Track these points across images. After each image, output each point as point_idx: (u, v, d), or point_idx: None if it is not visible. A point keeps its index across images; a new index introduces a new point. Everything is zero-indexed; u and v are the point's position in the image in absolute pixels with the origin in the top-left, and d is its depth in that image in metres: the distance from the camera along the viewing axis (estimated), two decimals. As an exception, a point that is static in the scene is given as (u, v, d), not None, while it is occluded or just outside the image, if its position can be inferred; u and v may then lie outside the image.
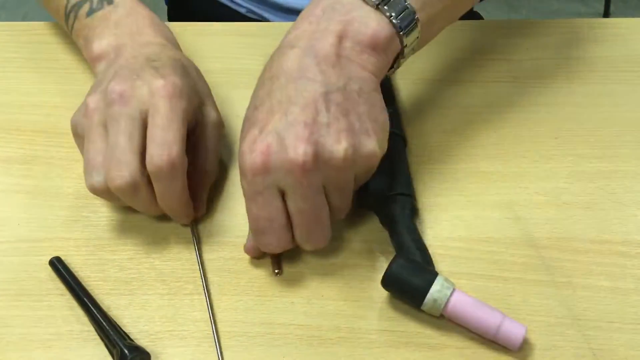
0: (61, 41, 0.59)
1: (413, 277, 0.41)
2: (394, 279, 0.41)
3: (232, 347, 0.41)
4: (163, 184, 0.42)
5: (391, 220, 0.45)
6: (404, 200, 0.45)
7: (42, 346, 0.41)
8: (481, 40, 0.60)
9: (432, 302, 0.40)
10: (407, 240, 0.43)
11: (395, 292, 0.42)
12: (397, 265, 0.41)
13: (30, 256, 0.45)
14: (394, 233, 0.44)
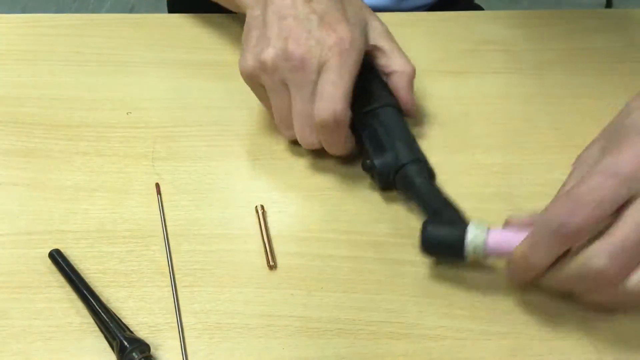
0: (59, 33, 0.59)
1: (446, 235, 0.41)
2: (429, 243, 0.41)
3: (232, 338, 0.41)
4: (327, 134, 0.46)
5: (412, 190, 0.44)
6: (418, 167, 0.45)
7: (42, 338, 0.41)
8: (481, 31, 0.60)
9: (472, 251, 0.40)
10: (433, 203, 0.43)
11: (436, 255, 0.43)
12: (429, 229, 0.41)
13: (30, 249, 0.45)
14: (418, 200, 0.44)
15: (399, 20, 0.61)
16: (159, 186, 0.48)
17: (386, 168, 0.45)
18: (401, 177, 0.45)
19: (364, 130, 0.47)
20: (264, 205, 0.47)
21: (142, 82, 0.55)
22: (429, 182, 0.45)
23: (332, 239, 0.46)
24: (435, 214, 0.43)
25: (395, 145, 0.46)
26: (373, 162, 0.45)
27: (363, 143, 0.47)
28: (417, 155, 0.46)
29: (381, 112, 0.47)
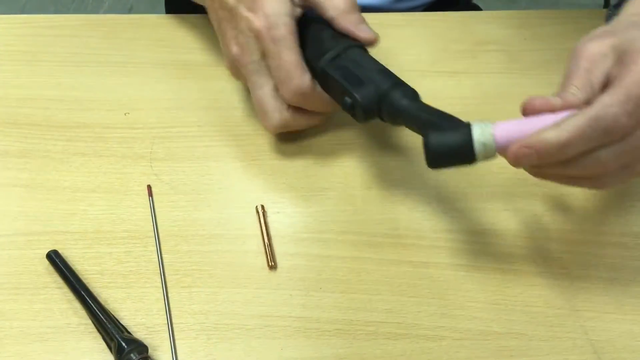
0: (58, 34, 0.59)
1: (452, 140, 0.39)
2: (436, 153, 0.39)
3: (230, 339, 0.41)
4: (305, 106, 0.47)
5: (400, 113, 0.43)
6: (401, 90, 0.43)
7: (40, 339, 0.41)
8: (479, 31, 0.60)
9: (482, 149, 0.38)
10: (426, 118, 0.41)
11: (445, 165, 0.40)
12: (432, 139, 0.39)
13: (28, 250, 0.45)
14: (410, 121, 0.42)
15: (397, 21, 0.61)
16: (150, 188, 0.48)
17: (369, 99, 0.43)
18: (386, 104, 0.43)
19: (335, 75, 0.45)
20: (264, 205, 0.47)
21: (140, 83, 0.55)
22: (416, 101, 0.43)
23: (330, 240, 0.46)
24: (434, 127, 0.40)
25: (371, 76, 0.44)
26: (354, 95, 0.43)
27: (337, 90, 0.45)
28: (397, 79, 0.44)
29: (346, 54, 0.46)
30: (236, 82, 0.54)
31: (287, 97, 0.46)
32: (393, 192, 0.48)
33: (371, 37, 0.47)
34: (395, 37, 0.59)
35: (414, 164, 0.50)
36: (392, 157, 0.51)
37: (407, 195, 0.48)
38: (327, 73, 0.45)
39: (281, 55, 0.45)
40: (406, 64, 0.57)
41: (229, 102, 0.54)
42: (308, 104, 0.47)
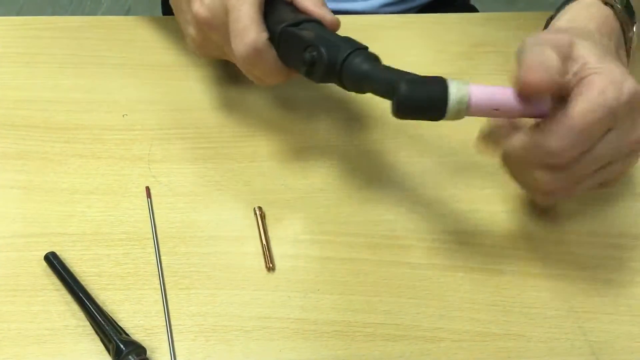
0: (56, 36, 0.59)
1: (426, 90, 0.37)
2: (407, 102, 0.37)
3: (228, 341, 0.41)
4: (256, 66, 0.45)
5: (364, 75, 0.41)
6: (364, 54, 0.42)
7: (38, 341, 0.41)
8: (476, 33, 0.60)
9: (455, 104, 0.37)
10: (395, 73, 0.40)
11: (412, 115, 0.38)
12: (404, 87, 0.37)
13: (26, 251, 0.45)
14: (376, 82, 0.40)
15: (393, 23, 0.61)
16: (149, 189, 0.48)
17: (333, 55, 0.41)
18: (350, 66, 0.41)
19: (297, 32, 0.44)
20: (261, 207, 0.47)
21: (138, 85, 0.55)
22: (381, 64, 0.42)
23: (328, 241, 0.46)
24: (406, 79, 0.39)
25: (334, 40, 0.43)
26: (319, 48, 0.41)
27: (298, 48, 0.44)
28: (360, 44, 0.43)
29: (307, 24, 0.45)
30: (235, 84, 0.54)
31: (240, 51, 0.44)
32: (391, 194, 0.49)
33: (333, 19, 0.46)
34: (392, 38, 0.59)
35: (411, 165, 0.50)
36: (390, 159, 0.51)
37: (405, 197, 0.48)
38: (288, 32, 0.44)
39: (241, 8, 0.44)
40: (403, 66, 0.57)
41: (227, 103, 0.54)
42: (259, 65, 0.45)
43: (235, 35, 0.44)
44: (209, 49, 0.49)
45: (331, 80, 0.43)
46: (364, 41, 0.59)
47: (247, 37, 0.44)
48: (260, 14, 0.45)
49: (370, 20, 0.62)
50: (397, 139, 0.52)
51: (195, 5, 0.46)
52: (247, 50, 0.44)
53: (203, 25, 0.46)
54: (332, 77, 0.42)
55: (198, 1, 0.46)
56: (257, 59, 0.44)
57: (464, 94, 0.37)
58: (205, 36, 0.47)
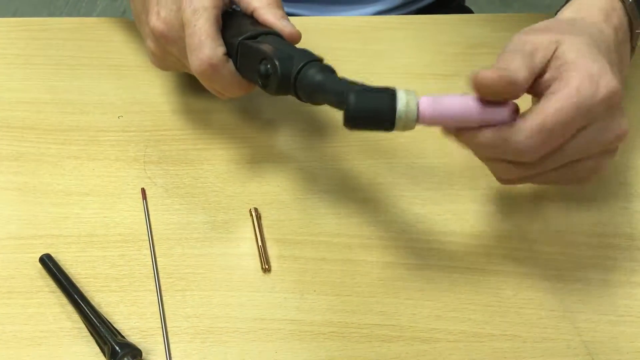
0: (51, 37, 0.59)
1: (375, 100, 0.37)
2: (355, 113, 0.37)
3: (224, 342, 0.41)
4: (213, 81, 0.45)
5: (319, 86, 0.41)
6: (319, 65, 0.42)
7: (33, 344, 0.41)
8: (471, 35, 0.60)
9: (403, 115, 0.37)
10: (346, 84, 0.40)
11: (362, 125, 0.38)
12: (354, 97, 0.37)
13: (21, 253, 0.45)
14: (329, 92, 0.40)
15: (390, 24, 0.61)
16: (144, 191, 0.48)
17: (287, 67, 0.42)
18: (304, 77, 0.41)
19: (254, 44, 0.44)
20: (257, 208, 0.47)
21: (134, 86, 0.55)
22: (335, 74, 0.42)
23: (324, 242, 0.46)
24: (356, 90, 0.38)
25: (290, 53, 0.43)
26: (273, 61, 0.42)
27: (254, 60, 0.44)
28: (315, 56, 0.43)
29: (265, 37, 0.45)
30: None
31: (195, 67, 0.44)
32: (386, 195, 0.49)
33: (293, 31, 0.46)
34: (389, 40, 0.60)
35: (408, 166, 0.50)
36: (385, 160, 0.51)
37: (400, 198, 0.48)
38: (244, 45, 0.44)
39: (197, 23, 0.44)
40: (399, 67, 0.57)
41: (223, 105, 0.54)
42: (216, 79, 0.45)
43: (191, 50, 0.44)
44: (168, 62, 0.49)
45: (287, 92, 0.43)
46: (361, 43, 0.59)
47: (202, 53, 0.44)
48: (216, 28, 0.44)
49: (365, 21, 0.62)
50: (391, 140, 0.52)
51: (153, 19, 0.46)
52: (202, 66, 0.44)
53: (160, 38, 0.46)
54: (287, 89, 0.43)
55: (155, 14, 0.46)
56: (213, 74, 0.44)
57: (412, 106, 0.37)
58: (163, 49, 0.47)
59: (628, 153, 0.51)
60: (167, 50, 0.47)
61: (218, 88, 0.46)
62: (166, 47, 0.47)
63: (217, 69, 0.44)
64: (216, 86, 0.46)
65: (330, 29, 0.60)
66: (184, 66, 0.47)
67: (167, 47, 0.47)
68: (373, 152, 0.51)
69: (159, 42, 0.47)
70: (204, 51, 0.43)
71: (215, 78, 0.45)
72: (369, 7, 0.68)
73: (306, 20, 0.63)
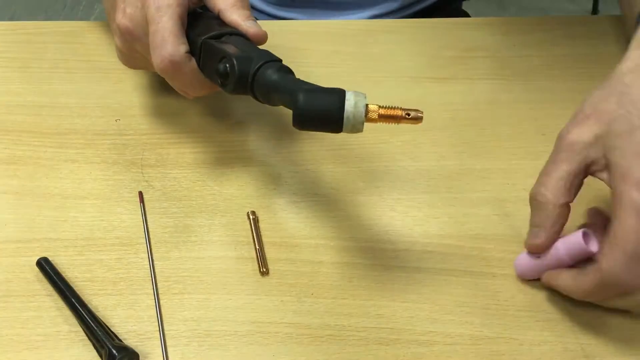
0: (48, 40, 0.59)
1: (322, 103, 0.37)
2: (304, 113, 0.38)
3: (222, 346, 0.41)
4: (175, 79, 0.46)
5: (272, 86, 0.41)
6: (277, 65, 0.42)
7: (30, 347, 0.41)
8: (467, 38, 0.60)
9: (351, 116, 0.37)
10: (298, 85, 0.40)
11: (311, 126, 0.39)
12: (301, 99, 0.38)
13: (18, 257, 0.45)
14: (281, 92, 0.41)
15: (386, 27, 0.61)
16: (141, 194, 0.48)
17: (245, 67, 0.42)
18: (260, 77, 0.42)
19: (215, 44, 0.44)
20: (255, 211, 0.47)
21: (131, 89, 0.55)
22: (290, 75, 0.42)
23: (321, 245, 0.46)
24: (306, 90, 0.39)
25: (250, 53, 0.43)
26: (232, 59, 0.42)
27: (215, 59, 0.44)
28: (275, 57, 0.43)
29: (229, 37, 0.45)
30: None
31: (157, 64, 0.44)
32: (384, 198, 0.49)
33: (258, 32, 0.46)
34: (385, 43, 0.60)
35: (405, 169, 0.50)
36: (382, 163, 0.51)
37: (398, 201, 0.49)
38: (207, 44, 0.45)
39: (160, 21, 0.44)
40: (396, 70, 0.57)
41: (220, 108, 0.54)
42: (178, 77, 0.45)
43: (153, 47, 0.44)
44: (135, 60, 0.49)
45: (244, 92, 0.43)
46: (358, 47, 0.59)
47: (164, 50, 0.44)
48: (179, 26, 0.45)
49: (363, 25, 0.62)
50: (389, 142, 0.52)
51: (119, 16, 0.46)
52: (163, 63, 0.44)
53: (126, 35, 0.47)
54: (244, 89, 0.43)
55: (121, 11, 0.46)
56: (174, 72, 0.45)
57: (360, 108, 0.37)
58: (129, 47, 0.48)
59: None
60: (133, 47, 0.47)
61: (180, 86, 0.47)
62: (132, 44, 0.47)
63: (179, 67, 0.44)
64: (178, 84, 0.46)
65: (327, 33, 0.61)
66: (150, 64, 0.47)
67: (133, 44, 0.47)
68: (370, 155, 0.51)
69: (125, 39, 0.47)
70: (166, 49, 0.44)
71: (177, 76, 0.45)
72: (366, 11, 0.69)
73: (303, 24, 0.64)
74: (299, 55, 0.58)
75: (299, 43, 0.59)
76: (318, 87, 0.39)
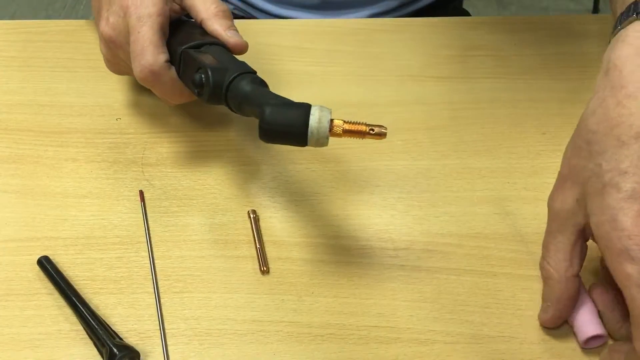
0: (49, 39, 0.59)
1: (286, 117, 0.38)
2: (269, 127, 0.39)
3: (223, 345, 0.41)
4: (154, 87, 0.47)
5: (244, 97, 0.42)
6: (250, 77, 0.43)
7: (31, 346, 0.41)
8: (468, 37, 0.60)
9: (315, 131, 0.38)
10: (266, 98, 0.41)
11: (277, 140, 0.40)
12: (267, 112, 0.38)
13: (18, 256, 0.45)
14: (251, 104, 0.42)
15: (386, 26, 0.61)
16: (142, 193, 0.48)
17: (219, 78, 0.43)
18: (233, 88, 0.43)
19: (193, 54, 0.45)
20: (255, 210, 0.47)
21: (132, 88, 0.55)
22: (262, 88, 0.43)
23: (322, 244, 0.46)
24: (272, 104, 0.40)
25: (225, 63, 0.44)
26: (207, 70, 0.43)
27: (192, 69, 0.45)
28: (250, 69, 0.44)
29: (209, 48, 0.46)
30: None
31: (137, 73, 0.45)
32: (384, 197, 0.49)
33: (238, 42, 0.47)
34: (385, 42, 0.60)
35: (405, 168, 0.50)
36: (383, 161, 0.51)
37: (398, 200, 0.49)
38: (186, 53, 0.46)
39: (140, 30, 0.45)
40: (396, 70, 0.57)
41: (221, 108, 0.54)
42: (158, 86, 0.46)
43: (134, 56, 0.45)
44: (119, 67, 0.50)
45: (219, 102, 0.44)
46: (357, 46, 0.59)
47: (143, 60, 0.45)
48: (159, 36, 0.45)
49: (362, 24, 0.62)
50: (390, 142, 0.52)
51: (102, 24, 0.47)
52: (143, 73, 0.45)
53: (109, 43, 0.48)
54: (219, 99, 0.44)
55: (105, 20, 0.47)
56: (154, 81, 0.46)
57: (324, 123, 0.38)
58: (113, 54, 0.48)
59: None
60: (116, 55, 0.48)
61: (159, 94, 0.48)
62: (115, 52, 0.48)
63: (158, 76, 0.45)
64: (158, 92, 0.47)
65: (327, 32, 0.61)
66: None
67: (116, 52, 0.48)
68: (371, 154, 0.51)
69: (108, 47, 0.48)
70: (146, 58, 0.45)
71: (156, 84, 0.46)
72: (365, 9, 0.69)
73: (302, 22, 0.64)
74: (297, 54, 0.58)
75: (298, 42, 0.59)
76: (285, 102, 0.40)
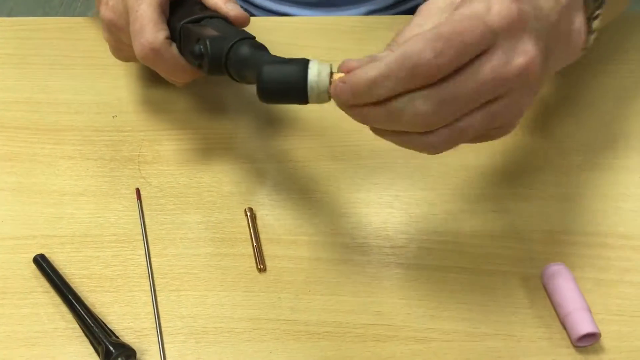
0: (46, 37, 0.58)
1: (286, 72, 0.36)
2: (268, 86, 0.37)
3: (219, 343, 0.41)
4: (156, 65, 0.46)
5: (244, 62, 0.41)
6: (249, 42, 0.42)
7: (27, 344, 0.41)
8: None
9: (315, 86, 0.36)
10: (266, 58, 0.39)
11: (276, 99, 0.38)
12: (264, 71, 0.36)
13: (14, 254, 0.45)
14: (251, 66, 0.40)
15: (386, 24, 0.61)
16: (139, 191, 0.48)
17: (219, 47, 0.42)
18: (233, 54, 0.42)
19: (192, 28, 0.45)
20: (252, 208, 0.47)
21: (128, 86, 0.55)
22: (263, 50, 0.41)
23: (319, 242, 0.46)
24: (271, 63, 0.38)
25: (227, 32, 0.43)
26: (205, 41, 0.42)
27: (192, 43, 0.44)
28: (247, 34, 0.43)
29: (210, 20, 0.46)
30: (227, 87, 0.54)
31: (138, 51, 0.45)
32: (382, 195, 0.49)
33: (239, 14, 0.46)
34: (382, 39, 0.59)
35: (403, 166, 0.50)
36: (380, 159, 0.51)
37: (396, 198, 0.49)
38: (186, 28, 0.45)
39: (139, 9, 0.44)
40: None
41: (218, 105, 0.54)
42: (159, 64, 0.46)
43: (134, 35, 0.45)
44: (123, 52, 0.50)
45: (220, 72, 0.43)
46: (354, 43, 0.59)
47: (143, 37, 0.44)
48: (158, 13, 0.45)
49: (359, 21, 0.62)
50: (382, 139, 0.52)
51: (102, 8, 0.47)
52: (144, 51, 0.44)
53: (111, 27, 0.47)
54: (220, 69, 0.43)
55: (104, 4, 0.47)
56: (155, 59, 0.45)
57: (324, 77, 0.36)
58: (116, 38, 0.48)
59: (620, 152, 0.51)
60: (119, 38, 0.48)
61: (162, 73, 0.47)
62: (117, 35, 0.48)
63: (159, 53, 0.45)
64: (161, 71, 0.47)
65: (324, 29, 0.60)
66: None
67: (118, 36, 0.48)
68: (369, 152, 0.51)
69: (111, 31, 0.48)
70: (145, 36, 0.44)
71: (158, 62, 0.45)
72: (362, 6, 0.68)
73: (299, 20, 0.63)
74: (295, 51, 0.58)
75: (295, 39, 0.59)
76: (282, 59, 0.38)
